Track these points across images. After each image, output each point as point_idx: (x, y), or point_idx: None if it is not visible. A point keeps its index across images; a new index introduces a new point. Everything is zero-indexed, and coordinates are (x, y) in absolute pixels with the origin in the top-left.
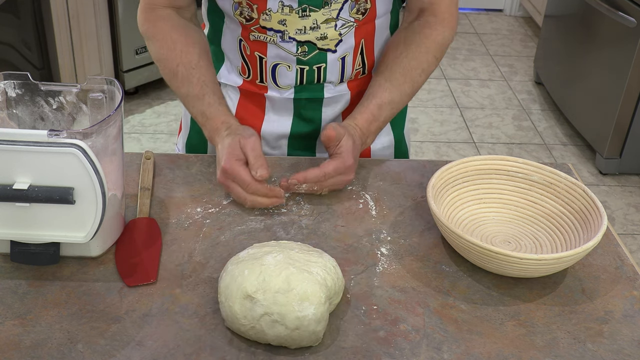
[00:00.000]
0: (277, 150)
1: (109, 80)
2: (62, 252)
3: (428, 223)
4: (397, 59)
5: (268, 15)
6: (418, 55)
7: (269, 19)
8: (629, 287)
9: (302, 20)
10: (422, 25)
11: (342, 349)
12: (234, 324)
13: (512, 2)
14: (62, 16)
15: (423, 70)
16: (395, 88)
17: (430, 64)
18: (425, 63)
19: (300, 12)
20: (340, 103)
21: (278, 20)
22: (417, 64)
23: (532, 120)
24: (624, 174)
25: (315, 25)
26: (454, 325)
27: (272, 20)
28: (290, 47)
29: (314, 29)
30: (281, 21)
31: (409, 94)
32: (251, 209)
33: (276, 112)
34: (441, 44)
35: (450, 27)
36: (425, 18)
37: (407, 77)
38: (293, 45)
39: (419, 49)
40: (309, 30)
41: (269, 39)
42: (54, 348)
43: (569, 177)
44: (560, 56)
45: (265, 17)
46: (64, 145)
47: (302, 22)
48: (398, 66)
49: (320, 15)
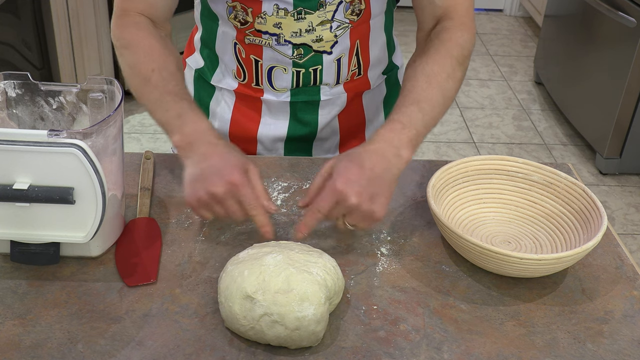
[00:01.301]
0: (274, 153)
1: (109, 80)
2: (62, 252)
3: (428, 223)
4: (417, 67)
5: (263, 18)
6: (439, 60)
7: (264, 22)
8: (629, 287)
9: (297, 22)
10: (439, 31)
11: (342, 349)
12: (233, 325)
13: (512, 2)
14: (62, 16)
15: (449, 75)
16: (421, 92)
17: (454, 68)
18: (450, 67)
19: (295, 14)
20: (336, 105)
21: (273, 24)
22: (440, 68)
23: (532, 120)
24: (624, 174)
25: (310, 27)
26: (454, 325)
27: (267, 23)
28: (285, 50)
29: (309, 31)
30: (276, 24)
31: (440, 101)
32: None
33: (272, 115)
34: (462, 47)
35: (469, 30)
36: (442, 24)
37: (433, 83)
38: (289, 48)
39: (438, 53)
40: (305, 33)
41: (265, 42)
42: (54, 348)
43: (569, 177)
44: (560, 56)
45: (260, 20)
46: (64, 145)
47: (297, 25)
48: (420, 74)
49: (315, 18)
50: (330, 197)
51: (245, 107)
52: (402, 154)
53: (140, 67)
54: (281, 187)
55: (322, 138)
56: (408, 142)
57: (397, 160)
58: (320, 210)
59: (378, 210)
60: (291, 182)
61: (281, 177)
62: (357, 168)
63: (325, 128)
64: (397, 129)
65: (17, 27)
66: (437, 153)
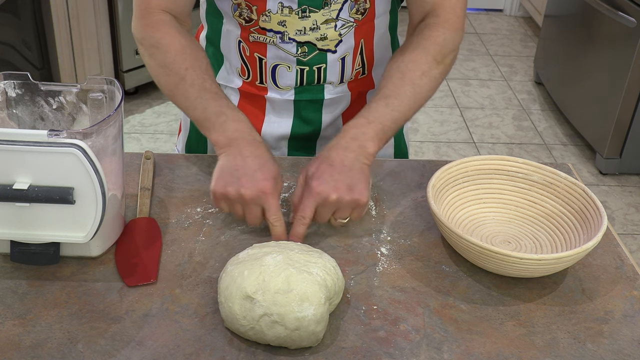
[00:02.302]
0: (277, 152)
1: (109, 80)
2: (62, 252)
3: (428, 223)
4: (393, 64)
5: (267, 16)
6: (415, 57)
7: (268, 20)
8: (629, 287)
9: (301, 21)
10: (422, 28)
11: (342, 349)
12: (233, 325)
13: (512, 2)
14: (62, 16)
15: (423, 72)
16: (392, 88)
17: (430, 66)
18: (425, 65)
19: (300, 12)
20: (340, 104)
21: (278, 22)
22: (415, 65)
23: (532, 120)
24: (624, 174)
25: (315, 25)
26: (454, 325)
27: (271, 21)
28: (290, 48)
29: (313, 29)
30: (281, 22)
31: (411, 97)
32: None
33: (276, 114)
34: (441, 46)
35: (453, 28)
36: (427, 20)
37: (406, 79)
38: (293, 46)
39: (415, 51)
40: (309, 31)
41: (269, 40)
42: (54, 348)
43: (569, 177)
44: (560, 56)
45: (264, 18)
46: (64, 145)
47: (301, 23)
48: (395, 70)
49: (320, 16)
50: (310, 202)
51: (250, 105)
52: (366, 145)
53: (173, 66)
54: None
55: (326, 137)
56: (374, 136)
57: (362, 151)
58: (305, 217)
59: (360, 197)
60: (291, 182)
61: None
62: (327, 166)
63: (329, 127)
64: (362, 124)
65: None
66: (437, 153)
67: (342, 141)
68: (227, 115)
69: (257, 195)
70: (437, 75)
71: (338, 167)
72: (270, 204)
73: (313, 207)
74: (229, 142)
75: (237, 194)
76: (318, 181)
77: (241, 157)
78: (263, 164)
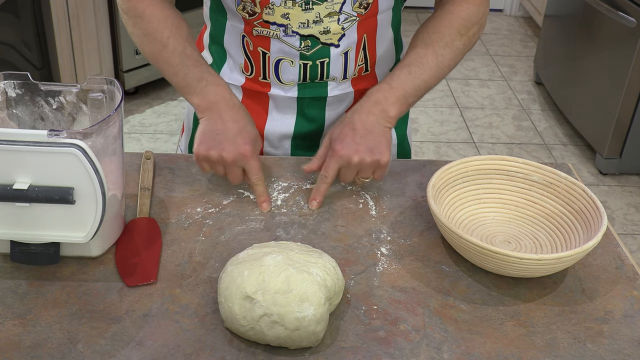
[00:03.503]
0: (280, 150)
1: (109, 80)
2: (62, 252)
3: (428, 223)
4: (417, 36)
5: (271, 9)
6: (439, 29)
7: (271, 12)
8: (629, 287)
9: (305, 13)
10: (444, 3)
11: (342, 349)
12: (233, 325)
13: (512, 2)
14: (62, 16)
15: (446, 43)
16: (415, 57)
17: (454, 38)
18: (448, 37)
19: (303, 5)
20: (344, 102)
21: (281, 14)
22: (438, 37)
23: (532, 120)
24: (624, 174)
25: (318, 18)
26: (454, 325)
27: (275, 14)
28: (293, 42)
29: (317, 22)
30: (284, 15)
31: (433, 67)
32: (251, 209)
33: (279, 112)
34: (465, 19)
35: (475, 3)
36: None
37: (429, 49)
38: (296, 40)
39: (440, 23)
40: (312, 24)
41: (272, 33)
42: (54, 348)
43: (569, 177)
44: (560, 56)
45: (268, 11)
46: (64, 145)
47: (305, 16)
48: (419, 41)
49: (323, 9)
50: (333, 163)
51: (253, 103)
52: (388, 110)
53: (156, 35)
54: (281, 187)
55: None
56: (395, 101)
57: (384, 114)
58: (327, 177)
59: (381, 157)
60: (291, 182)
61: (281, 177)
62: (349, 130)
63: (332, 125)
64: (385, 89)
65: (17, 27)
66: (437, 153)
67: (365, 105)
68: (207, 80)
69: (238, 158)
70: (461, 47)
71: (360, 131)
72: (251, 166)
73: (336, 169)
74: (210, 106)
75: (219, 157)
76: (341, 144)
77: (222, 121)
78: (242, 127)
